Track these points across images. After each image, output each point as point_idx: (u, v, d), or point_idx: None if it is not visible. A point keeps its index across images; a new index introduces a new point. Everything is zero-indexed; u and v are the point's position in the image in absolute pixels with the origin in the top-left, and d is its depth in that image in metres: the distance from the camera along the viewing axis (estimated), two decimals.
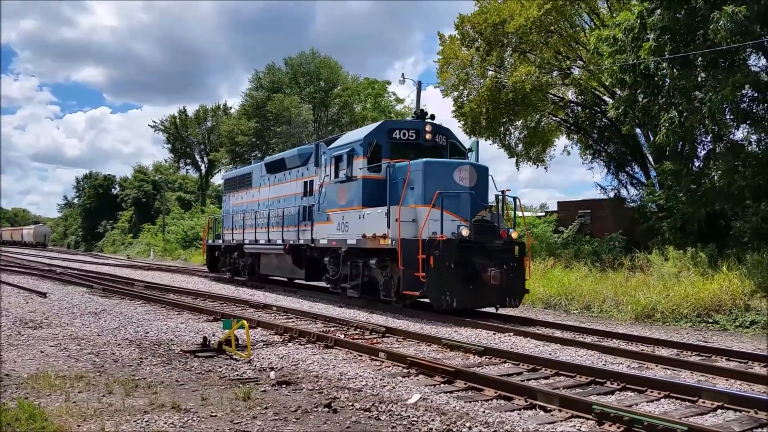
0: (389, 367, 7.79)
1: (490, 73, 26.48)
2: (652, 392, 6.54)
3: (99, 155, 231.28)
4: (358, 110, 51.60)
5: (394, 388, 6.64)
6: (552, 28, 24.91)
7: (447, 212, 12.37)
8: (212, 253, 24.46)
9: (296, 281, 19.71)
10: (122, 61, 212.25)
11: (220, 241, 23.33)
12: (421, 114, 15.37)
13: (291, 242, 17.08)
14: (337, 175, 14.62)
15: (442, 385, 6.87)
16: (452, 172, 12.74)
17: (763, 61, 17.00)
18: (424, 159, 13.03)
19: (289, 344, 9.37)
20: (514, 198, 13.91)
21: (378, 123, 14.72)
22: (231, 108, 67.91)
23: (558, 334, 10.45)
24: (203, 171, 73.95)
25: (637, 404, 6.17)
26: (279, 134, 46.72)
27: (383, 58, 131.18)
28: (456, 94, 27.33)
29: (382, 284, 13.52)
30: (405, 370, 7.54)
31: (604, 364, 8.16)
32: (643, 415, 5.33)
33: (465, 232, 12.16)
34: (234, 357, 8.19)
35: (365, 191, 13.76)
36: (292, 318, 12.43)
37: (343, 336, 9.92)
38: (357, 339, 9.74)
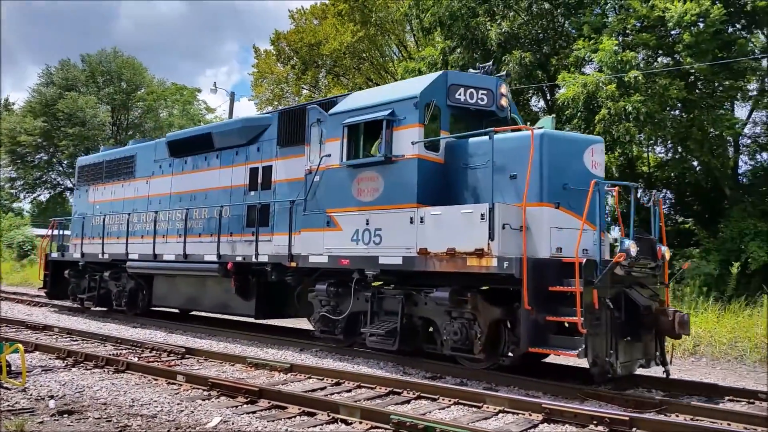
0: (188, 390, 7.40)
1: (305, 91, 26.85)
2: (444, 400, 7.01)
3: None
4: (163, 116, 48.95)
5: (192, 412, 6.31)
6: (364, 55, 26.02)
7: (574, 215, 8.00)
8: (58, 271, 16.96)
9: (193, 314, 15.11)
10: None
11: (77, 255, 15.96)
12: (492, 66, 10.26)
13: (241, 258, 11.47)
14: (352, 155, 9.43)
15: (245, 405, 6.69)
16: (582, 152, 8.36)
17: (542, 102, 19.42)
18: (542, 130, 8.34)
19: (74, 369, 8.46)
20: (657, 198, 8.74)
21: (436, 74, 9.56)
22: (14, 104, 60.24)
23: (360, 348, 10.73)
24: None
25: (430, 412, 6.57)
26: (70, 136, 42.47)
27: (195, 64, 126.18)
28: (271, 108, 27.26)
29: (455, 333, 8.35)
30: (205, 393, 7.22)
31: (402, 375, 8.58)
32: (436, 422, 5.70)
33: (633, 249, 7.74)
34: (5, 386, 7.18)
35: (422, 180, 8.76)
36: (77, 340, 11.26)
37: (136, 359, 9.22)
38: (153, 362, 9.11)
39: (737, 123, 16.46)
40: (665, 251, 8.41)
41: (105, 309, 15.57)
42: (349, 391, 7.55)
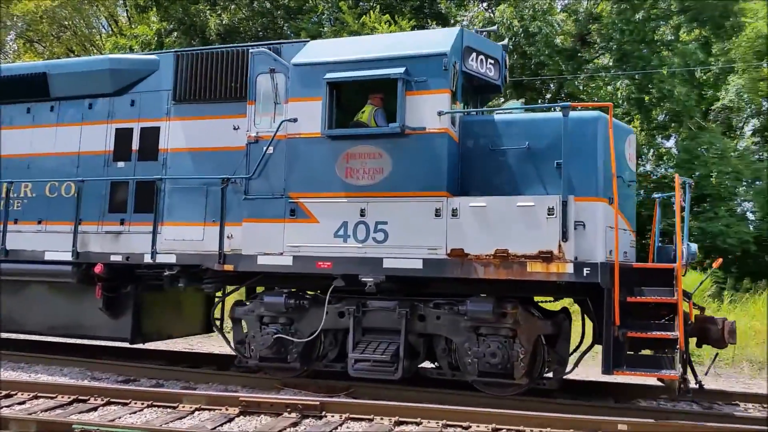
0: None
1: None
2: (136, 403, 6.62)
3: None
4: None
5: None
6: (66, 23, 23.25)
7: (620, 214, 7.01)
8: None
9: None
10: None
11: None
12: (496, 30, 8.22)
13: (121, 258, 8.19)
14: (333, 123, 7.31)
15: None
16: (624, 142, 7.46)
17: None
18: (596, 113, 7.20)
19: None
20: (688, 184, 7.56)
21: (453, 30, 7.77)
22: None
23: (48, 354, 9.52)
24: None
25: (120, 417, 6.17)
26: None
27: None
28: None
29: (493, 354, 6.89)
30: None
31: (90, 381, 7.92)
32: (125, 427, 5.40)
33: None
34: None
35: (450, 162, 7.10)
36: None
37: None
38: None
39: None
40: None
41: None
42: (23, 403, 6.65)
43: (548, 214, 6.52)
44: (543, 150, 6.96)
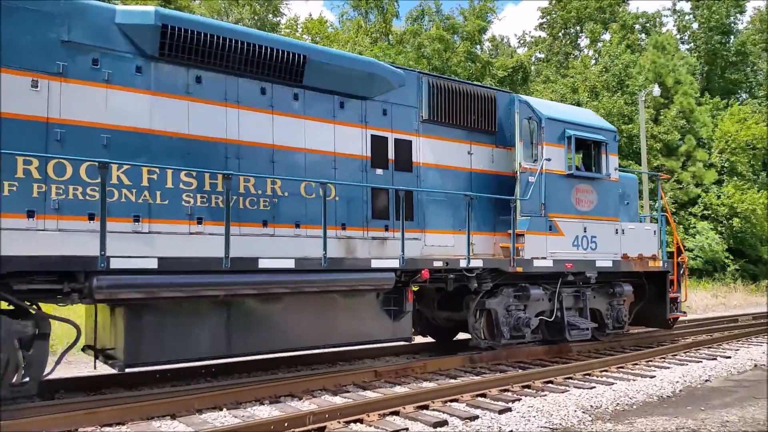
0: None
1: None
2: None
3: None
4: None
5: None
6: None
7: None
8: None
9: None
10: None
11: None
12: None
13: (441, 263, 9.01)
14: (571, 166, 10.60)
15: None
16: None
17: None
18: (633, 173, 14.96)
19: None
20: None
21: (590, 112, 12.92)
22: None
23: None
24: None
25: None
26: None
27: None
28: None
29: (626, 315, 11.85)
30: None
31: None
32: None
33: None
34: None
35: (619, 199, 11.87)
36: None
37: None
38: None
39: None
40: None
41: None
42: None
43: (654, 234, 12.15)
44: (623, 193, 12.14)
